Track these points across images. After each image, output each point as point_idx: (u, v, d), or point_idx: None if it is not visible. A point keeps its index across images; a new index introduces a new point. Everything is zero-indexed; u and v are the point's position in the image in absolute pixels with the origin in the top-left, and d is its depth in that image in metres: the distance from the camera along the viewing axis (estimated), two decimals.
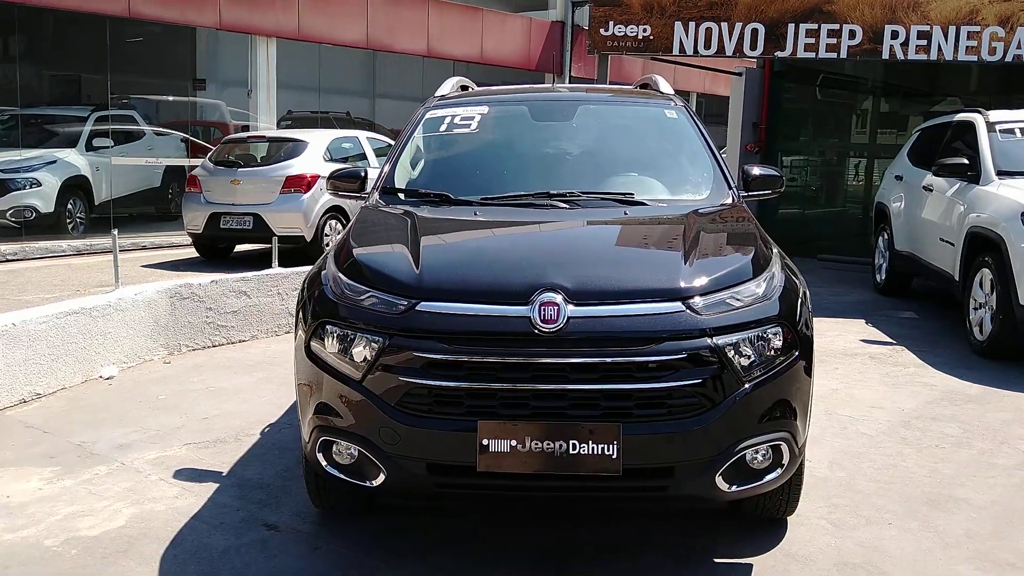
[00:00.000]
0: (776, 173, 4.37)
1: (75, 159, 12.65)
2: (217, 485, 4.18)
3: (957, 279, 7.03)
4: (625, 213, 3.80)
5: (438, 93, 5.03)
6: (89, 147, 12.84)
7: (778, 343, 3.11)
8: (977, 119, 7.56)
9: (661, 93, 4.92)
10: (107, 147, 12.98)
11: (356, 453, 3.17)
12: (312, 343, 3.27)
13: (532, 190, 4.01)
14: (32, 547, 3.58)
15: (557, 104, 4.82)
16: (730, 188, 4.15)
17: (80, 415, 5.22)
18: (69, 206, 12.53)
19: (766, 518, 3.67)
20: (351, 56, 16.27)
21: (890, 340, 7.13)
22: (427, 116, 4.65)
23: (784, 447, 3.12)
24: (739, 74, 11.74)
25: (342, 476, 3.22)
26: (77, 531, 3.71)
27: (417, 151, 4.52)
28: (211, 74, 16.11)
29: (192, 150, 14.75)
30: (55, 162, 12.42)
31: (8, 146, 12.43)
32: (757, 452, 3.08)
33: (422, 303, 3.07)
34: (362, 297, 3.19)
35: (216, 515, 3.85)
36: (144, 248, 12.69)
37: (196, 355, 6.63)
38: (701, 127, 4.53)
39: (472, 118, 4.54)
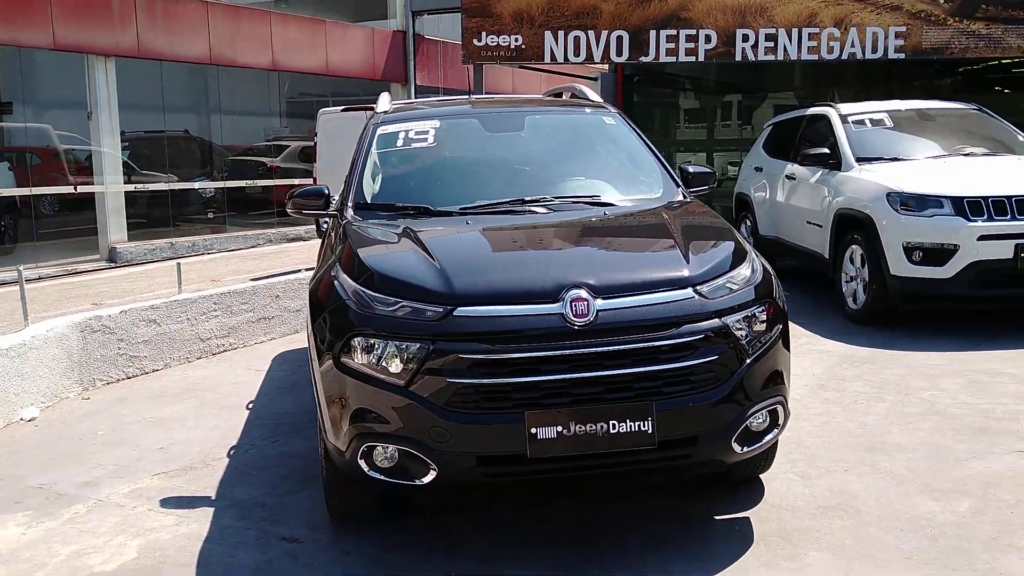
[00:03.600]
0: (709, 170, 4.84)
1: None
2: (212, 509, 4.20)
3: (827, 257, 7.80)
4: (605, 213, 4.13)
5: (379, 109, 5.20)
6: None
7: (768, 318, 3.53)
8: (831, 112, 8.40)
9: (594, 102, 5.30)
10: None
11: (397, 455, 3.34)
12: (342, 357, 3.41)
13: (505, 198, 4.28)
14: None
15: (505, 116, 5.10)
16: (678, 186, 4.56)
17: (21, 458, 5.04)
18: None
19: (747, 477, 4.09)
20: (194, 72, 15.82)
21: None
22: (379, 133, 4.82)
23: (780, 409, 3.55)
24: (595, 79, 12.36)
25: (387, 479, 3.38)
26: (91, 569, 3.67)
27: (375, 166, 4.67)
28: (42, 96, 15.26)
29: (21, 178, 13.95)
30: None
31: None
32: (759, 416, 3.48)
33: (459, 308, 3.28)
34: (393, 308, 3.36)
35: (228, 536, 3.90)
36: None
37: (114, 388, 6.45)
38: (639, 132, 4.93)
39: (426, 132, 4.75)
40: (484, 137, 4.83)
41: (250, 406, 5.88)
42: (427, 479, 3.31)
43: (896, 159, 7.68)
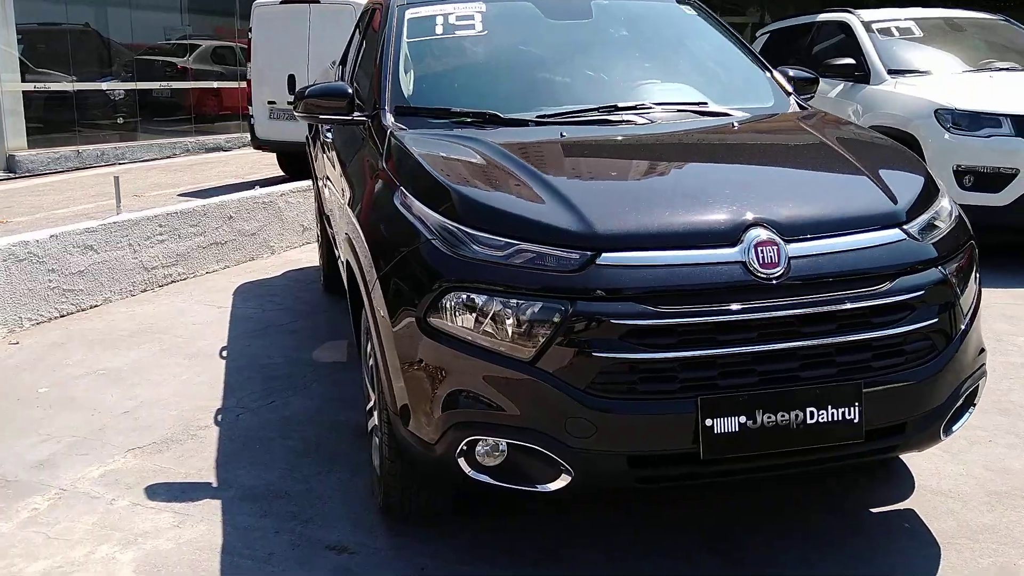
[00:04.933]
0: (812, 75, 4.00)
1: None
2: (218, 502, 3.26)
3: None
4: (734, 125, 3.25)
5: None
6: None
7: (973, 266, 2.76)
8: (850, 19, 7.59)
9: None
10: None
11: (507, 450, 2.47)
12: (430, 317, 2.48)
13: (590, 103, 3.36)
14: None
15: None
16: (788, 93, 3.71)
17: None
18: None
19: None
20: None
21: None
22: (408, 16, 3.78)
23: (982, 383, 2.79)
24: None
25: (497, 483, 2.50)
26: None
27: (406, 60, 3.65)
28: None
29: None
30: None
31: None
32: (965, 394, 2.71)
33: (604, 255, 2.39)
34: (506, 252, 2.44)
35: (253, 544, 2.98)
36: None
37: (46, 330, 5.33)
38: (725, 24, 4.03)
39: (471, 17, 3.75)
40: (546, 26, 3.83)
41: (224, 354, 4.88)
42: (555, 485, 2.45)
43: (931, 72, 6.96)
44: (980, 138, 6.00)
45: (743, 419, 2.37)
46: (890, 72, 6.94)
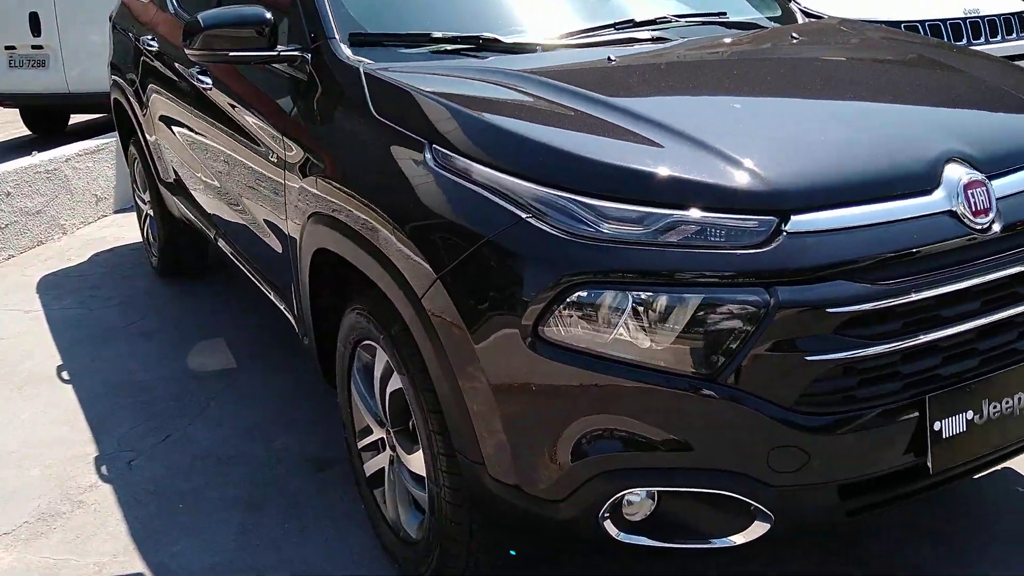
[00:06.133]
0: None
1: None
2: None
3: None
4: (793, 37, 2.65)
5: None
6: None
7: None
8: None
9: None
10: None
11: (655, 494, 1.79)
12: (543, 327, 1.73)
13: (597, 19, 2.66)
14: None
15: None
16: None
17: None
18: None
19: None
20: None
21: None
22: None
23: None
24: None
25: (661, 544, 1.81)
26: None
27: None
28: None
29: None
30: None
31: None
32: None
33: (793, 218, 1.73)
34: (656, 226, 1.72)
35: None
36: None
37: None
38: None
39: None
40: None
41: (66, 375, 3.75)
42: (744, 537, 1.80)
43: None
44: None
45: (970, 414, 1.83)
46: None
